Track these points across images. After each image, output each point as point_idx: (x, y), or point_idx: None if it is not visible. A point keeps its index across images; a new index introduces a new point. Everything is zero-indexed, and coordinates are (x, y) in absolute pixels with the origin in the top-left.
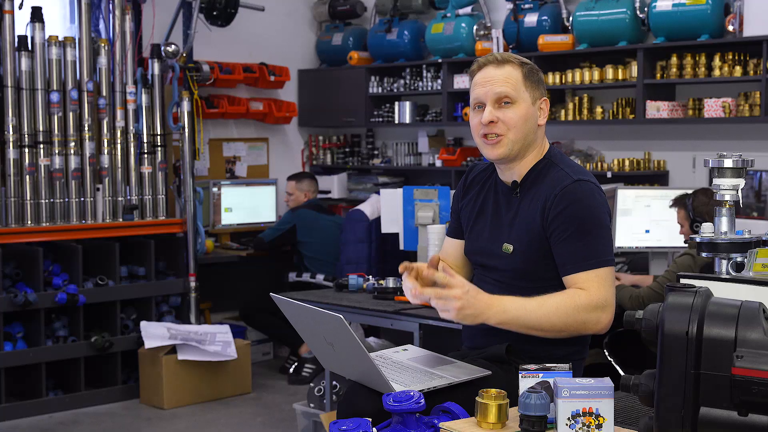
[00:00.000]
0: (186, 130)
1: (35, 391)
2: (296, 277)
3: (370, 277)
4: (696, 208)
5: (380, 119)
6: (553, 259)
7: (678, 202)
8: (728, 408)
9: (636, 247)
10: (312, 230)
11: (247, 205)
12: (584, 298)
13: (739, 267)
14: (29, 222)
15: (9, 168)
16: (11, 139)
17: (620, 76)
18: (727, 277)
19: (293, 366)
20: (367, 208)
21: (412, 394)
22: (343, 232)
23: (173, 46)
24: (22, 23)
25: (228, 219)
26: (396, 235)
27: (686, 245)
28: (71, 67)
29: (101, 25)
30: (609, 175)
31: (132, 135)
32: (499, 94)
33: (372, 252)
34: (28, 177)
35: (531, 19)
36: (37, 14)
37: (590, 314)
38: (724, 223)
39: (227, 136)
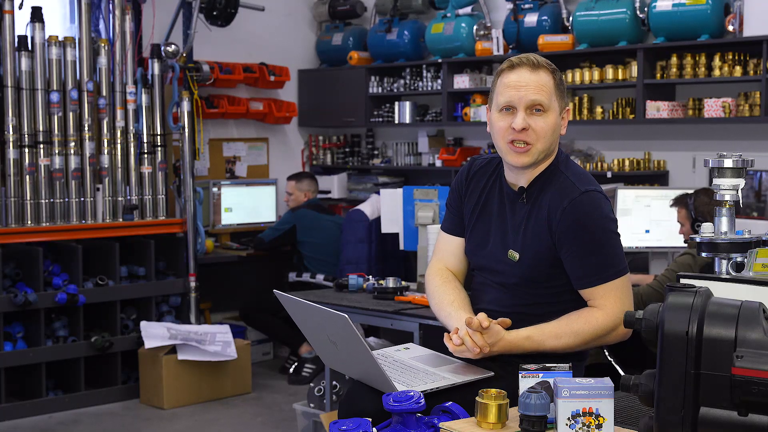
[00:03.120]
0: (186, 130)
1: (35, 391)
2: (296, 277)
3: (370, 277)
4: (697, 207)
5: (380, 119)
6: (560, 268)
7: (679, 202)
8: (728, 408)
9: (636, 247)
10: (312, 230)
11: (247, 205)
12: (602, 320)
13: (739, 267)
14: (29, 222)
15: (9, 168)
16: (11, 139)
17: (620, 76)
18: (727, 277)
19: (293, 366)
20: (367, 208)
21: (412, 394)
22: (343, 232)
23: (173, 46)
24: (22, 23)
25: (228, 219)
26: (396, 235)
27: (686, 245)
28: (71, 67)
29: (101, 25)
30: (609, 175)
31: (132, 135)
32: (534, 102)
33: (372, 252)
34: (28, 177)
35: (531, 19)
36: (37, 14)
37: (611, 335)
38: (724, 223)
39: (227, 136)
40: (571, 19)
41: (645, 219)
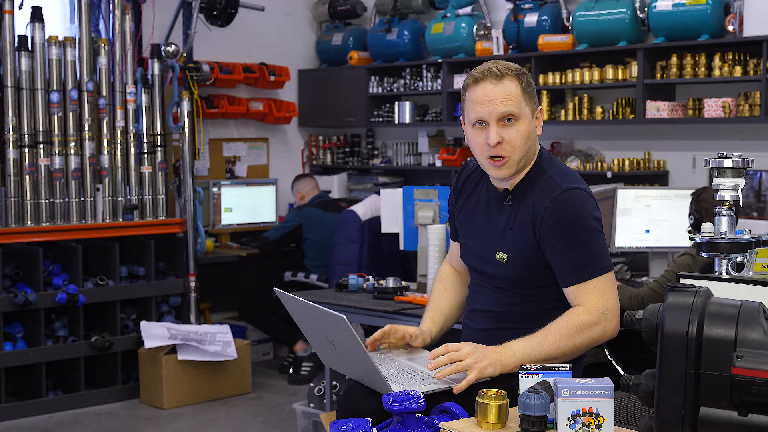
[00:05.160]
0: (186, 130)
1: (35, 391)
2: (291, 276)
3: (370, 277)
4: (700, 201)
5: (380, 119)
6: (549, 267)
7: (694, 193)
8: (728, 408)
9: (636, 247)
10: (316, 228)
11: (247, 205)
12: (583, 316)
13: (739, 267)
14: (29, 222)
15: (9, 168)
16: (11, 139)
17: (620, 76)
18: (727, 277)
19: (291, 364)
20: (360, 208)
21: (412, 394)
22: (335, 232)
23: (173, 46)
24: (22, 23)
25: (228, 219)
26: (392, 235)
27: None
28: (71, 67)
29: (101, 25)
30: (609, 175)
31: (132, 135)
32: (503, 114)
33: (364, 253)
34: (28, 177)
35: (531, 19)
36: (37, 14)
37: (594, 328)
38: (724, 223)
39: (227, 136)
40: (571, 19)
41: (645, 219)
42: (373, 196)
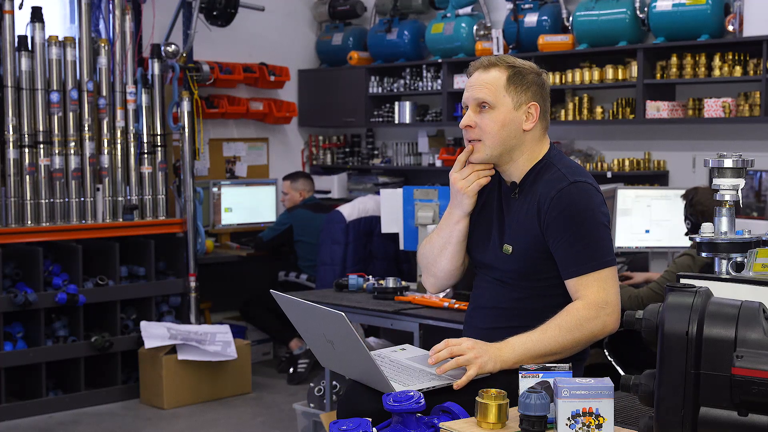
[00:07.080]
0: (186, 130)
1: (35, 391)
2: (284, 276)
3: (370, 277)
4: (694, 206)
5: (380, 119)
6: (553, 260)
7: (684, 196)
8: (728, 408)
9: (636, 247)
10: (306, 230)
11: (247, 205)
12: (583, 311)
13: (739, 267)
14: (29, 222)
15: (9, 168)
16: (11, 139)
17: (620, 76)
18: (727, 277)
19: (287, 361)
20: (346, 209)
21: (412, 394)
22: (321, 232)
23: (173, 46)
24: (22, 23)
25: (228, 219)
26: (384, 235)
27: (689, 240)
28: (71, 67)
29: (101, 25)
30: (609, 175)
31: (132, 135)
32: (478, 99)
33: (349, 254)
34: (28, 177)
35: (531, 19)
36: (37, 14)
37: (593, 322)
38: (724, 223)
39: (227, 136)
40: (571, 19)
41: (645, 219)
42: (363, 197)
